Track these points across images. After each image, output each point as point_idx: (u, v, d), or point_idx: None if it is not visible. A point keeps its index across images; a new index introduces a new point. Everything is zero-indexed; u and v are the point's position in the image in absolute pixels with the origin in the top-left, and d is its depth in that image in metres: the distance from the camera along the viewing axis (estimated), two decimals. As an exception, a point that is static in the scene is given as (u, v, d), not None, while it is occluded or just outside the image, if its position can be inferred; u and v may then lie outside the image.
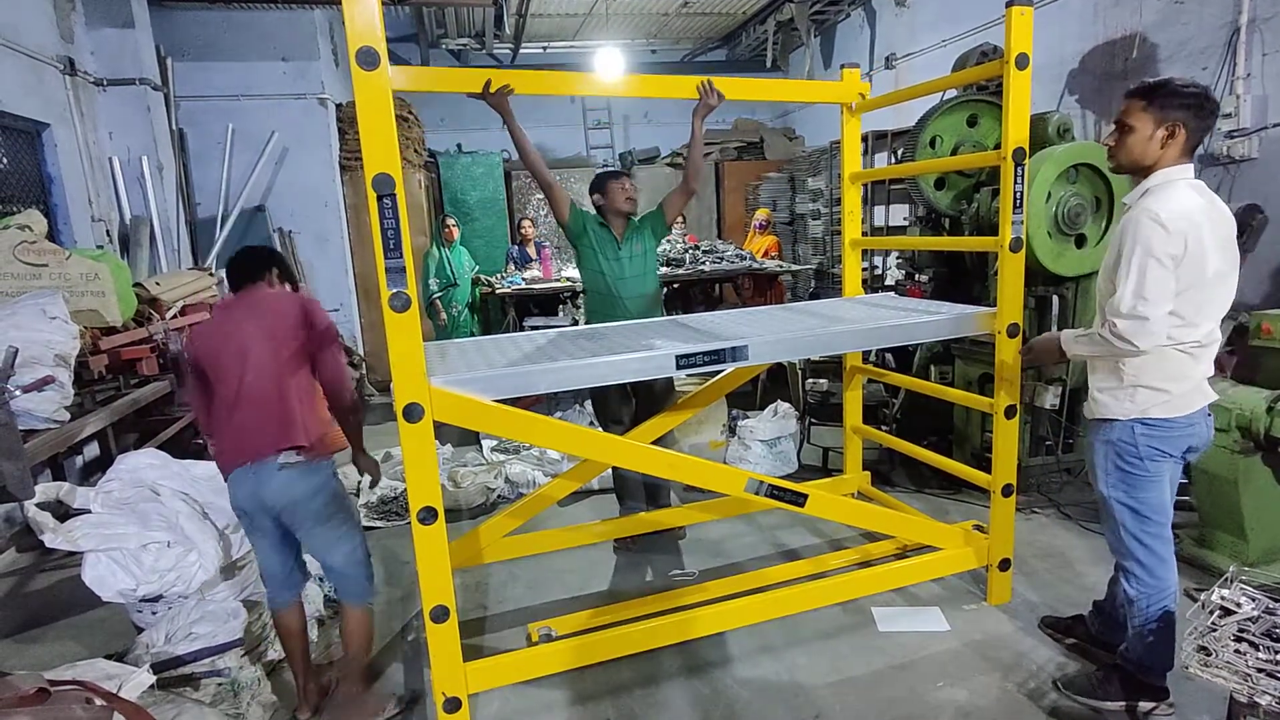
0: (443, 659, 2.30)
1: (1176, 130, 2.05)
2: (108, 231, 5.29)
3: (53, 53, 4.90)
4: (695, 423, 4.42)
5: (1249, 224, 3.43)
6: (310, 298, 2.50)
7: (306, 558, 2.58)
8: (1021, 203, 2.62)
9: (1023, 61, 2.51)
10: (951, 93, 4.03)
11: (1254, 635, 1.78)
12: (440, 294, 6.32)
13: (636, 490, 3.69)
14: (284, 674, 2.69)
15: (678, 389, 4.55)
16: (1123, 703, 2.30)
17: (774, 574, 3.20)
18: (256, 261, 2.46)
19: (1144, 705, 2.29)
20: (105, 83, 5.44)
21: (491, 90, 2.78)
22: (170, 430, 4.16)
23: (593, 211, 3.56)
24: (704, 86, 3.06)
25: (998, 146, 2.72)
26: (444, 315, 6.35)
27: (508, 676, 2.52)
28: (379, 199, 1.99)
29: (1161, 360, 2.12)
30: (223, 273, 5.55)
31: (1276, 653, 1.73)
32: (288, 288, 2.54)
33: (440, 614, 2.25)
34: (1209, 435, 2.26)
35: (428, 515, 2.18)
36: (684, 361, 2.44)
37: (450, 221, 6.56)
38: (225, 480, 2.41)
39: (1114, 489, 2.26)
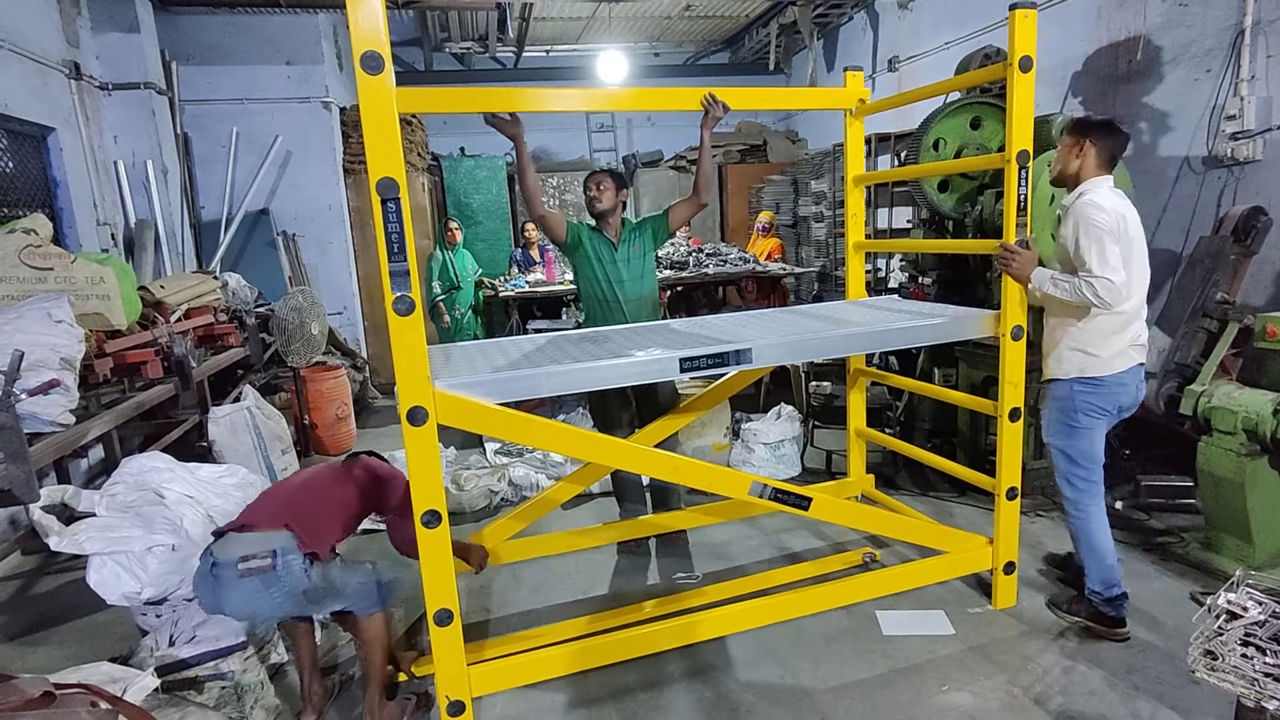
0: (446, 662, 2.30)
1: (1085, 146, 2.59)
2: (112, 235, 5.30)
3: (58, 57, 4.92)
4: (699, 425, 4.42)
5: (1253, 226, 3.41)
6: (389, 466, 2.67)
7: None
8: (1025, 205, 2.62)
9: (1026, 65, 2.51)
10: (954, 95, 4.03)
11: (1261, 639, 1.77)
12: (443, 297, 6.33)
13: (636, 493, 3.68)
14: (287, 677, 2.69)
15: (681, 392, 4.56)
16: (1085, 620, 2.76)
17: (778, 577, 3.20)
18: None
19: (1100, 629, 2.72)
20: (110, 87, 5.46)
21: (501, 123, 2.89)
22: (175, 433, 4.16)
23: (584, 220, 3.54)
24: (708, 99, 3.04)
25: (1001, 149, 2.72)
26: (447, 318, 6.36)
27: (511, 680, 2.52)
28: (383, 203, 2.00)
29: (1096, 327, 2.58)
30: (226, 277, 5.59)
31: (1284, 657, 1.72)
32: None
33: (444, 617, 2.25)
34: (1140, 394, 2.70)
35: (431, 519, 2.18)
36: (688, 364, 2.44)
37: (453, 224, 6.57)
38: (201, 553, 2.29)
39: (1055, 438, 2.75)
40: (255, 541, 2.19)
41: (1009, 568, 2.94)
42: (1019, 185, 2.58)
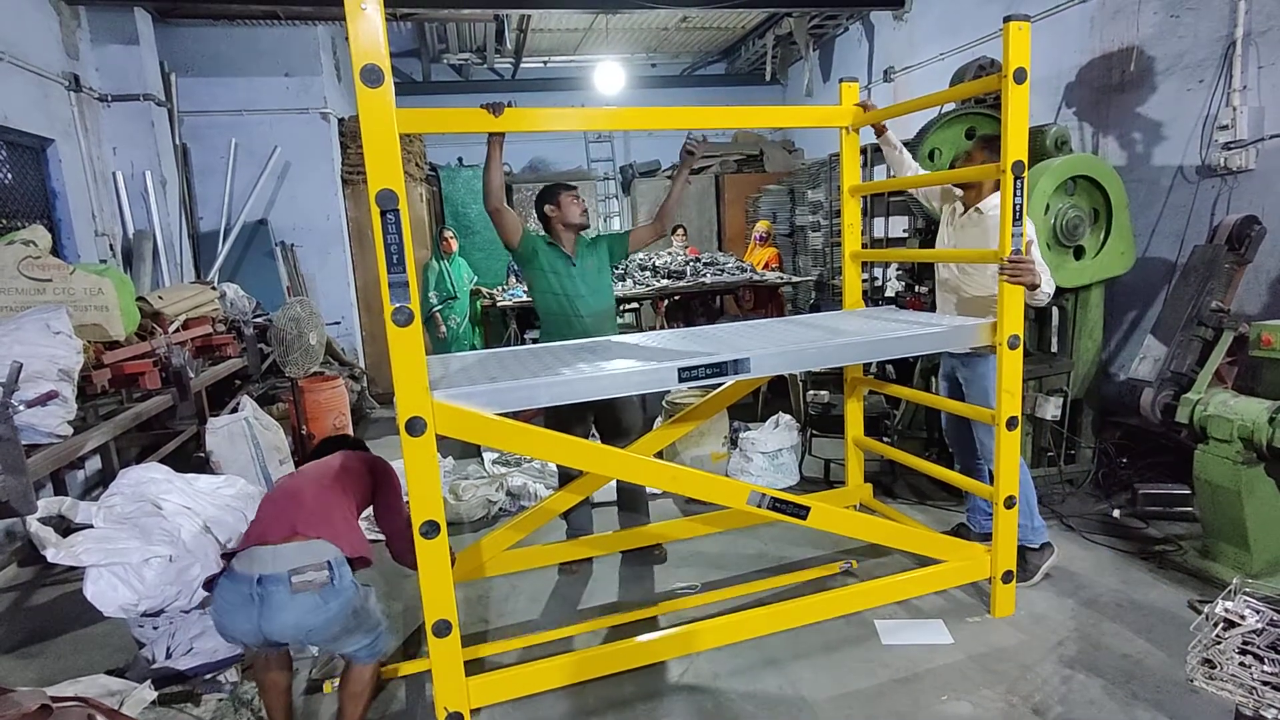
0: (445, 674, 2.29)
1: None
2: (111, 246, 5.31)
3: (58, 69, 4.94)
4: (697, 435, 4.42)
5: (1247, 235, 3.43)
6: (382, 462, 2.60)
7: None
8: (1020, 215, 2.64)
9: (1020, 76, 2.53)
10: (950, 106, 4.06)
11: (1259, 648, 1.77)
12: (440, 307, 6.33)
13: (585, 519, 3.64)
14: (285, 689, 2.68)
15: (679, 401, 4.56)
16: (1042, 570, 3.14)
17: (776, 587, 3.19)
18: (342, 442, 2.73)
19: (1045, 566, 3.15)
20: (109, 98, 5.48)
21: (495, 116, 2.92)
22: (173, 444, 4.16)
23: (539, 231, 3.50)
24: (691, 142, 3.14)
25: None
26: (444, 329, 6.36)
27: (510, 691, 2.51)
28: (382, 214, 2.01)
29: None
30: (224, 287, 5.59)
31: (1281, 665, 1.73)
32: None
33: (442, 628, 2.24)
34: None
35: (430, 529, 2.18)
36: (686, 374, 2.45)
37: (448, 234, 6.57)
38: (217, 578, 2.09)
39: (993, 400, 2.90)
40: (301, 553, 2.03)
41: (1007, 576, 2.94)
42: (1014, 195, 2.60)
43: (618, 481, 3.61)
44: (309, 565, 2.01)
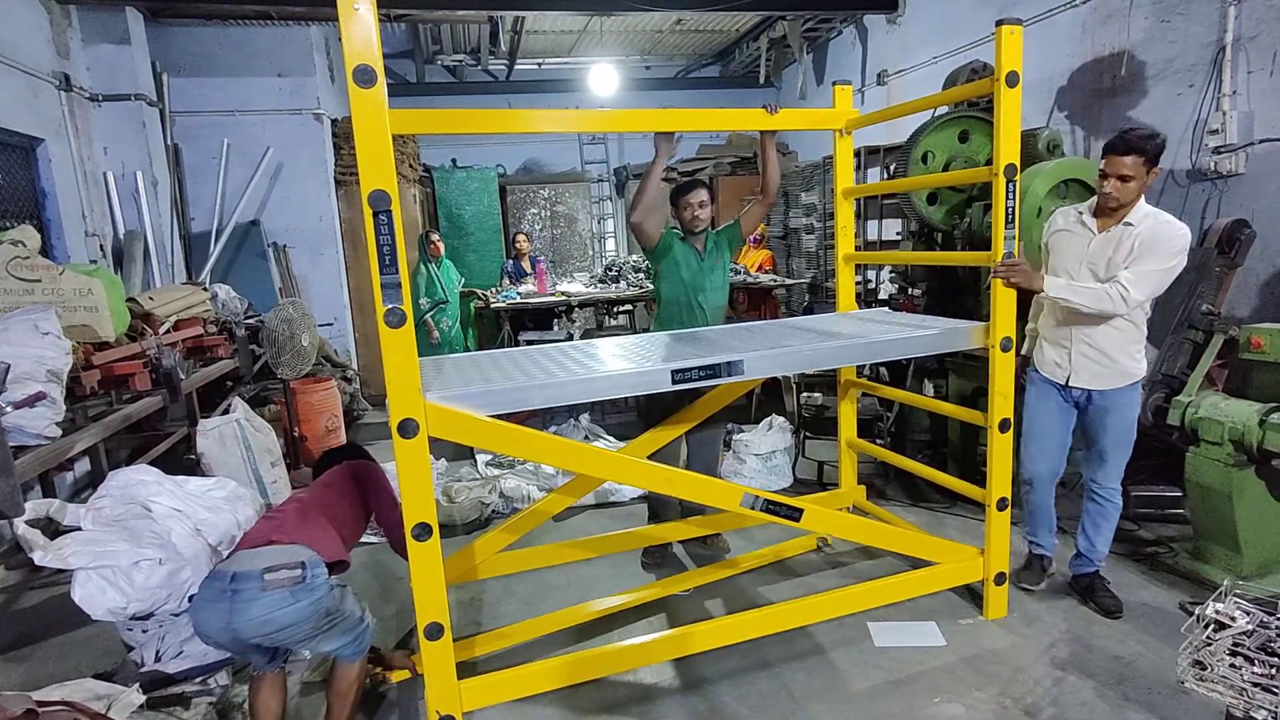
0: (437, 677, 2.28)
1: (1153, 171, 2.71)
2: (101, 246, 5.28)
3: (48, 69, 4.91)
4: (690, 437, 4.41)
5: (1237, 239, 3.45)
6: (368, 464, 2.70)
7: None
8: (1013, 218, 2.65)
9: (1013, 80, 2.54)
10: (943, 109, 4.07)
11: (1249, 649, 1.78)
12: (430, 311, 6.31)
13: (669, 509, 3.67)
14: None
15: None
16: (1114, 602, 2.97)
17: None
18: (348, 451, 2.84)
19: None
20: (101, 98, 5.45)
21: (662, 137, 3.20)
22: (163, 446, 4.13)
23: (674, 226, 3.59)
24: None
25: (989, 162, 2.75)
26: (436, 334, 6.34)
27: (503, 694, 2.50)
28: (375, 215, 2.00)
29: (1139, 335, 2.84)
30: (216, 288, 5.56)
31: (1272, 667, 1.73)
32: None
33: (435, 631, 2.24)
34: None
35: (422, 531, 2.17)
36: (680, 376, 2.44)
37: (435, 236, 6.55)
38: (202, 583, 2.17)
39: (1132, 431, 2.90)
40: (277, 554, 2.09)
41: (1000, 579, 2.95)
42: (1007, 198, 2.61)
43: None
44: (283, 564, 2.07)
